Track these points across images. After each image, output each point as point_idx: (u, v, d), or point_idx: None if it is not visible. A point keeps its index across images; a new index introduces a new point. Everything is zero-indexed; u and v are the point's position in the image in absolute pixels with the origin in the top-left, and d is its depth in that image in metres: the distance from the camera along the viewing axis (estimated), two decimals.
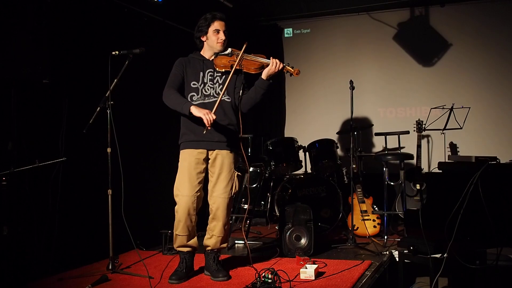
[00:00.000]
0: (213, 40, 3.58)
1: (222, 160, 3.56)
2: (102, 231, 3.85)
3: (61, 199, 3.93)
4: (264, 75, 3.53)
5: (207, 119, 3.29)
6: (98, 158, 4.03)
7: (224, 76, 3.58)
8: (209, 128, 3.32)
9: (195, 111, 3.35)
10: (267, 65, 3.54)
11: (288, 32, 6.86)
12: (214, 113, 3.34)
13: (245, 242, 4.55)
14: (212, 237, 3.61)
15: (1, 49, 3.42)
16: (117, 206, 3.58)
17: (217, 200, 3.55)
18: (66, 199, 3.98)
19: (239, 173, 3.65)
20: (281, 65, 3.49)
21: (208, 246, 3.64)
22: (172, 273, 3.55)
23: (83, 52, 4.26)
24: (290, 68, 3.51)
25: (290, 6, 6.28)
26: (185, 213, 3.49)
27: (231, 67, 3.51)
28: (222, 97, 3.48)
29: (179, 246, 3.60)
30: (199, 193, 3.54)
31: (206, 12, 3.70)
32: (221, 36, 3.57)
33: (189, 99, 3.54)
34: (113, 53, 3.69)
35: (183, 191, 3.50)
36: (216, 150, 3.56)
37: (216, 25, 3.57)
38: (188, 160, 3.54)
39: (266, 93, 3.58)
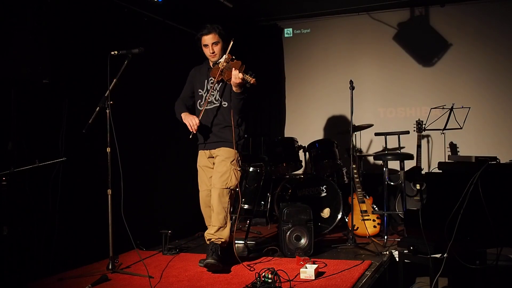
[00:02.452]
0: (206, 53, 3.93)
1: (219, 155, 3.88)
2: (102, 231, 3.85)
3: (61, 199, 3.93)
4: (233, 86, 3.73)
5: (190, 125, 3.77)
6: (98, 158, 4.03)
7: (220, 84, 3.89)
8: (194, 132, 3.77)
9: (183, 118, 3.87)
10: None
11: (288, 32, 6.86)
12: (201, 118, 3.83)
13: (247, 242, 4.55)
14: (210, 227, 3.80)
15: (1, 49, 3.42)
16: (117, 206, 3.58)
17: (212, 190, 3.83)
18: (66, 199, 3.98)
19: (236, 168, 3.83)
20: (240, 75, 3.61)
21: (206, 237, 3.81)
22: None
23: (83, 52, 4.26)
24: (248, 76, 3.63)
25: (290, 6, 6.27)
26: (202, 205, 4.01)
27: (217, 77, 3.81)
28: (207, 106, 3.88)
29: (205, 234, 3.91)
30: (210, 187, 3.89)
31: (206, 12, 3.75)
32: (210, 49, 3.87)
33: (197, 106, 3.98)
34: (112, 53, 3.71)
35: (199, 187, 4.03)
36: (216, 149, 3.91)
37: (203, 40, 3.88)
38: (199, 160, 4.04)
39: (242, 101, 3.79)
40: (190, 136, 3.78)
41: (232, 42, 3.81)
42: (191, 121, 3.78)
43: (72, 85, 4.14)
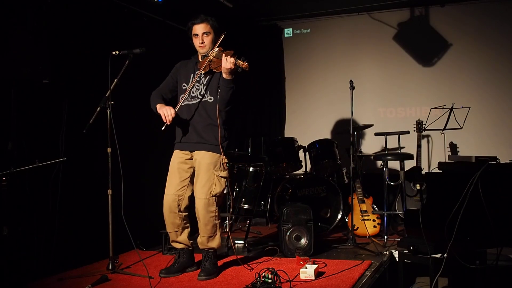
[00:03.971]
0: (195, 44, 3.71)
1: (200, 161, 3.64)
2: (102, 231, 3.85)
3: (61, 199, 3.93)
4: (223, 73, 3.52)
5: (164, 116, 3.50)
6: (98, 158, 4.03)
7: (208, 77, 3.68)
8: (168, 124, 3.50)
9: (158, 109, 3.58)
10: None
11: (288, 32, 6.85)
12: (183, 114, 3.61)
13: (241, 242, 4.55)
14: (199, 236, 3.70)
15: (1, 49, 3.42)
16: (117, 206, 3.58)
17: (196, 201, 3.62)
18: (66, 199, 3.98)
19: (220, 175, 3.63)
20: (232, 60, 3.42)
21: (198, 243, 3.73)
22: (165, 267, 3.70)
23: (83, 52, 4.26)
24: (240, 62, 3.45)
25: (290, 6, 6.27)
26: (166, 210, 3.67)
27: (204, 68, 3.61)
28: (190, 100, 3.65)
29: (172, 242, 3.76)
30: (181, 192, 3.65)
31: (206, 12, 3.72)
32: (199, 39, 3.65)
33: (179, 100, 3.67)
34: (113, 53, 3.70)
35: (166, 189, 3.69)
36: (196, 151, 3.67)
37: (194, 29, 3.67)
38: (173, 161, 3.73)
39: (231, 90, 3.53)
40: (163, 128, 3.51)
41: (223, 36, 3.58)
42: (166, 112, 3.50)
43: (72, 85, 4.14)
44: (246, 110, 6.70)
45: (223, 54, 3.49)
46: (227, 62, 3.42)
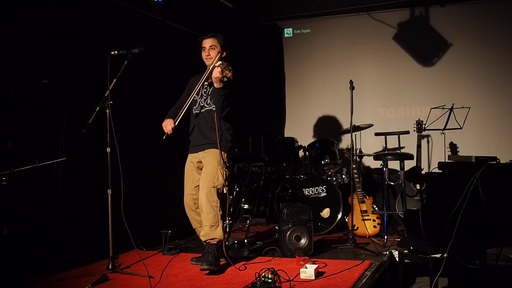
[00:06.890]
0: (202, 56, 4.03)
1: (206, 158, 3.92)
2: (102, 231, 3.85)
3: (61, 199, 3.93)
4: (214, 82, 3.80)
5: (164, 127, 3.90)
6: (98, 158, 4.03)
7: (211, 88, 3.96)
8: (168, 133, 3.88)
9: (164, 122, 3.98)
10: None
11: (288, 32, 6.85)
12: (193, 121, 4.00)
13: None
14: (203, 228, 3.80)
15: (1, 49, 3.42)
16: (117, 206, 3.58)
17: (200, 192, 3.83)
18: (66, 199, 3.98)
19: (223, 168, 3.84)
20: (219, 69, 3.72)
21: (201, 239, 3.83)
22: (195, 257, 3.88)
23: (83, 52, 4.26)
24: (227, 72, 3.72)
25: (290, 6, 6.27)
26: (186, 209, 4.02)
27: (206, 80, 3.94)
28: (200, 109, 3.98)
29: (199, 235, 3.97)
30: (194, 191, 3.95)
31: (206, 12, 3.75)
32: (206, 52, 3.98)
33: (192, 111, 4.04)
34: (112, 53, 3.71)
35: (184, 190, 4.03)
36: (203, 151, 3.95)
37: (203, 43, 4.01)
38: (187, 163, 4.08)
39: (222, 97, 3.82)
40: (164, 138, 3.88)
41: (220, 53, 3.92)
42: (166, 123, 3.91)
43: (72, 85, 4.14)
44: (246, 110, 6.71)
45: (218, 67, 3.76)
46: (215, 72, 3.74)
